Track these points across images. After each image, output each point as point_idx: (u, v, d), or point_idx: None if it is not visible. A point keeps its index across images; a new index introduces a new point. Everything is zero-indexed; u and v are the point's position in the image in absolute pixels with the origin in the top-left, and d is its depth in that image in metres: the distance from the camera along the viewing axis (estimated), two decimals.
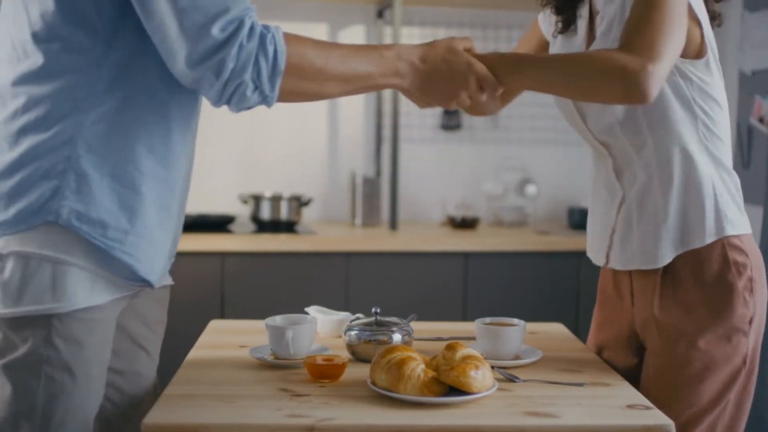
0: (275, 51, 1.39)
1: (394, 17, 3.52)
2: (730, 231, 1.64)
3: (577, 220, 3.74)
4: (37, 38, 1.39)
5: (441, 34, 3.86)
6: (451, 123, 3.98)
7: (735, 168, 1.72)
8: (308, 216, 3.89)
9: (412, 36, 3.84)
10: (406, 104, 3.89)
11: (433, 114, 3.98)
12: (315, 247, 3.35)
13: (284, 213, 3.59)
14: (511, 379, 1.62)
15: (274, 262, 3.29)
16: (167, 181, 1.48)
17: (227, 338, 1.93)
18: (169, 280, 1.65)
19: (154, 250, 1.48)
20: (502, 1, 3.73)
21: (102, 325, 1.45)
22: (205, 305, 3.20)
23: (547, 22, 1.91)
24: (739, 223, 1.67)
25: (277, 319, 1.76)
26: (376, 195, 3.75)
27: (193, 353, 1.80)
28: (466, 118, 3.97)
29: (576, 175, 3.99)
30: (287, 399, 1.50)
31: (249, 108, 1.44)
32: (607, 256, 1.77)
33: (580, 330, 3.31)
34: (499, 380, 1.59)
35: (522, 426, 1.40)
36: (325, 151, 3.95)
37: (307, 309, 2.01)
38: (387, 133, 3.92)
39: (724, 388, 1.63)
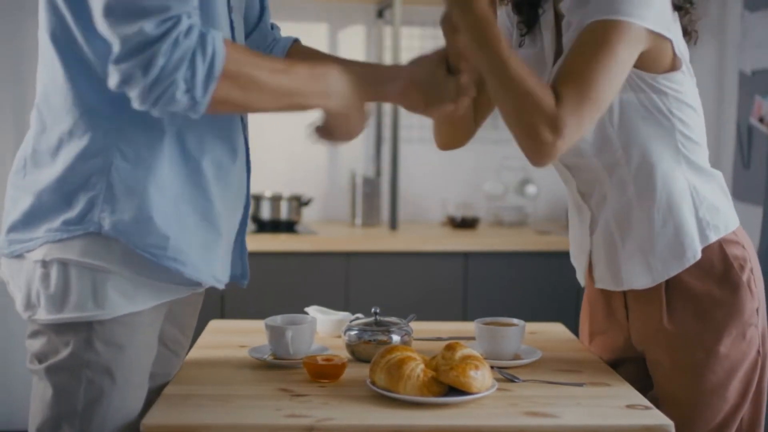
0: (213, 53, 1.30)
1: (394, 17, 3.52)
2: (718, 235, 1.63)
3: None
4: (58, 46, 1.38)
5: (441, 33, 3.85)
6: None
7: (735, 168, 1.71)
8: (308, 216, 3.89)
9: (412, 36, 3.84)
10: None
11: None
12: (315, 247, 3.35)
13: (284, 213, 3.59)
14: (511, 379, 1.62)
15: (274, 261, 3.29)
16: (201, 185, 1.46)
17: (227, 338, 1.94)
18: (239, 281, 1.64)
19: (201, 251, 1.46)
20: (503, 2, 3.72)
21: (144, 330, 1.45)
22: (205, 305, 3.16)
23: (505, 22, 1.82)
24: (728, 221, 1.65)
25: (277, 319, 1.76)
26: (376, 195, 3.76)
27: (193, 353, 1.80)
28: None
29: None
30: (287, 399, 1.50)
31: (172, 112, 1.34)
32: (591, 277, 1.76)
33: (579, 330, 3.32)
34: (498, 380, 1.59)
35: (521, 426, 1.40)
36: (325, 151, 3.95)
37: (306, 309, 2.01)
38: (387, 133, 3.92)
39: (747, 383, 1.63)
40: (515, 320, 1.79)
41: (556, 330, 2.10)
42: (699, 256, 1.62)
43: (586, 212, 1.73)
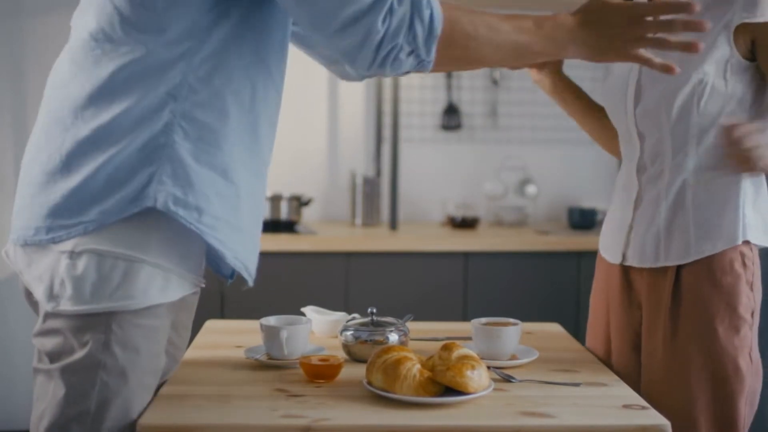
0: (431, 14, 1.39)
1: None
2: (753, 237, 1.68)
3: (577, 220, 3.74)
4: (132, 30, 1.39)
5: None
6: (451, 123, 3.97)
7: None
8: (308, 216, 3.89)
9: None
10: (407, 104, 3.89)
11: (433, 114, 3.98)
12: (315, 247, 3.35)
13: (284, 213, 3.59)
14: (507, 379, 1.62)
15: (274, 261, 3.29)
16: (256, 171, 1.51)
17: (223, 338, 1.93)
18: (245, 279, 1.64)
19: (245, 239, 1.49)
20: (504, 2, 3.72)
21: (158, 333, 1.46)
22: (205, 305, 3.17)
23: None
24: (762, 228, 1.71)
25: (272, 320, 1.76)
26: (376, 195, 3.75)
27: (189, 353, 1.80)
28: (466, 118, 3.97)
29: (576, 175, 3.99)
30: (283, 399, 1.50)
31: (405, 73, 1.43)
32: (623, 255, 1.79)
33: (580, 330, 3.31)
34: (495, 380, 1.59)
35: (518, 426, 1.40)
36: (325, 151, 3.95)
37: (303, 309, 2.01)
38: (387, 133, 3.92)
39: (734, 376, 1.64)
40: (512, 320, 1.78)
41: (553, 330, 2.10)
42: (734, 244, 1.66)
43: (634, 188, 1.77)
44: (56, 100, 1.47)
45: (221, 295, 3.24)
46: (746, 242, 1.68)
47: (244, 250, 1.49)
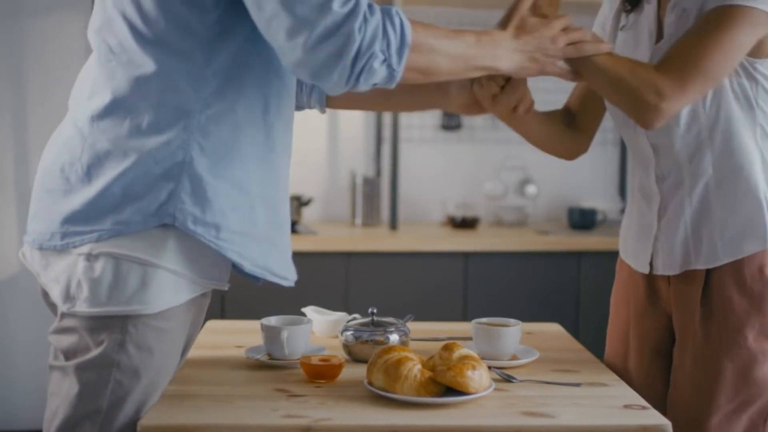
0: (401, 23, 1.39)
1: None
2: None
3: (577, 220, 3.74)
4: (145, 44, 1.40)
5: None
6: (451, 123, 3.97)
7: None
8: (308, 216, 3.89)
9: None
10: None
11: (433, 114, 3.98)
12: (315, 247, 3.35)
13: None
14: (508, 380, 1.62)
15: None
16: (271, 181, 1.52)
17: (224, 338, 1.94)
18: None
19: (263, 246, 1.51)
20: (503, 2, 3.72)
21: (171, 335, 1.48)
22: None
23: (604, 10, 1.87)
24: None
25: (273, 320, 1.76)
26: (376, 195, 3.75)
27: (191, 353, 1.79)
28: (466, 118, 3.97)
29: (576, 175, 3.99)
30: (284, 399, 1.50)
31: (374, 85, 1.40)
32: (651, 264, 1.76)
33: (580, 330, 3.31)
34: (495, 380, 1.59)
35: (519, 426, 1.40)
36: (325, 151, 3.95)
37: (303, 309, 2.01)
38: (387, 133, 3.92)
39: (763, 384, 1.63)
40: (512, 320, 1.78)
41: (553, 330, 2.10)
42: (764, 247, 1.63)
43: (656, 197, 1.74)
44: (77, 107, 1.49)
45: (221, 295, 3.24)
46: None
47: (263, 256, 1.51)
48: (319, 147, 3.93)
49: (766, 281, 1.64)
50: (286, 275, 1.57)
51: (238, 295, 3.23)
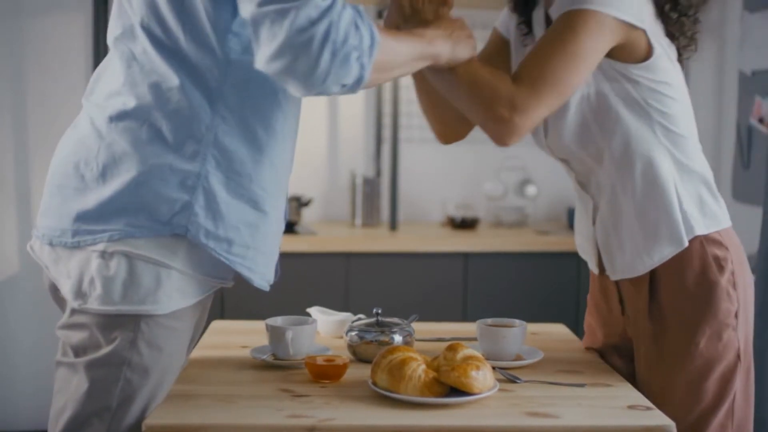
0: (368, 21, 1.38)
1: None
2: (701, 230, 1.62)
3: None
4: (167, 56, 1.41)
5: None
6: None
7: (735, 168, 1.71)
8: (308, 216, 3.89)
9: None
10: (406, 104, 3.89)
11: None
12: (315, 247, 3.35)
13: None
14: (512, 380, 1.62)
15: None
16: (282, 196, 1.55)
17: (229, 339, 1.94)
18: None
19: (267, 260, 1.55)
20: (502, 2, 3.72)
21: (181, 334, 1.50)
22: None
23: (506, 23, 1.85)
24: (712, 219, 1.64)
25: (278, 320, 1.76)
26: (376, 195, 3.76)
27: (195, 353, 1.80)
28: None
29: None
30: (288, 399, 1.51)
31: (342, 88, 1.35)
32: (600, 266, 1.76)
33: (580, 330, 3.31)
34: (499, 381, 1.59)
35: (523, 426, 1.40)
36: (325, 151, 3.95)
37: (308, 309, 2.01)
38: (387, 133, 3.92)
39: (724, 386, 1.62)
40: (516, 321, 1.79)
41: (558, 331, 2.10)
42: (678, 249, 1.61)
43: (588, 201, 1.74)
44: (93, 106, 1.49)
45: (221, 295, 3.24)
46: (706, 238, 1.62)
47: (267, 269, 1.55)
48: (319, 147, 3.94)
49: (710, 283, 1.61)
50: (271, 279, 1.59)
51: (237, 295, 3.23)
